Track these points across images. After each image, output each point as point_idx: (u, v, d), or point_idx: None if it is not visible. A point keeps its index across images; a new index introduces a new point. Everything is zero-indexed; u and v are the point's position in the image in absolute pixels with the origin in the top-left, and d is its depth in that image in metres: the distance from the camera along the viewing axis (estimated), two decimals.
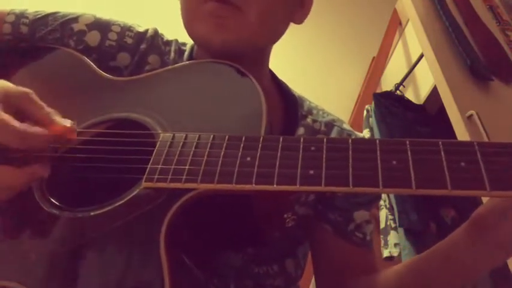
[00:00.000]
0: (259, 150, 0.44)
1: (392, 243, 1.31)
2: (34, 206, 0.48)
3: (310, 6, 0.68)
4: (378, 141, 0.41)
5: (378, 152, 0.41)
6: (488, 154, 0.38)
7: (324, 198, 0.67)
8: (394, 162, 0.40)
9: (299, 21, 0.68)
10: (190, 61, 0.67)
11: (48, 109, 0.50)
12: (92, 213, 0.46)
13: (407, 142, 0.41)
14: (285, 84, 0.74)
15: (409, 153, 0.40)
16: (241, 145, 0.44)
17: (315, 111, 0.73)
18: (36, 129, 0.47)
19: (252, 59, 0.64)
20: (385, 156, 0.40)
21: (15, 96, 0.49)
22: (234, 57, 0.57)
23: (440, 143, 0.40)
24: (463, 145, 0.39)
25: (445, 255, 0.51)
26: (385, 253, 1.32)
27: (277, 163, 0.42)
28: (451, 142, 0.40)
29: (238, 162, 0.43)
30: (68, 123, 0.50)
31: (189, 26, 0.61)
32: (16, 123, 0.46)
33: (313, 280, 0.73)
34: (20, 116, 0.49)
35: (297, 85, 0.77)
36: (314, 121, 0.71)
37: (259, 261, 0.65)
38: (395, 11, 1.87)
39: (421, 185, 0.38)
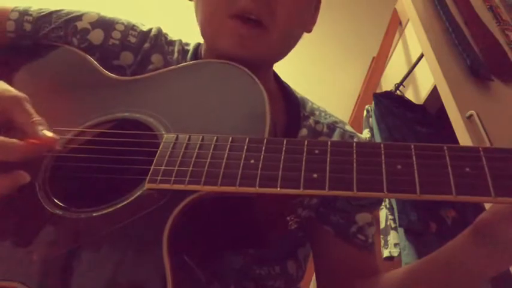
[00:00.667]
0: (262, 152, 0.43)
1: (392, 243, 1.31)
2: (37, 206, 0.48)
3: (318, 15, 0.70)
4: (382, 145, 0.41)
5: (383, 156, 0.40)
6: (494, 160, 0.38)
7: (326, 200, 0.67)
8: (399, 166, 0.39)
9: (309, 31, 0.69)
10: (194, 61, 0.67)
11: (35, 118, 0.49)
12: (94, 214, 0.46)
13: (412, 146, 0.40)
14: (288, 85, 0.74)
15: (413, 157, 0.39)
16: (245, 147, 0.44)
17: (317, 113, 0.73)
18: (10, 141, 0.46)
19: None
20: (390, 160, 0.40)
21: (6, 101, 0.49)
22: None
23: (445, 147, 0.39)
24: (468, 150, 0.39)
25: (447, 260, 0.51)
26: (385, 253, 1.32)
27: (281, 166, 0.42)
28: (456, 147, 0.40)
29: (241, 164, 0.43)
30: (49, 135, 0.48)
31: (211, 39, 0.61)
32: None
33: (313, 280, 0.73)
34: (9, 121, 0.48)
35: (298, 85, 0.77)
36: (316, 122, 0.71)
37: (260, 262, 0.65)
38: (395, 11, 1.87)
39: (426, 190, 0.37)
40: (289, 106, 0.71)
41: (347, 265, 0.66)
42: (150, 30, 0.70)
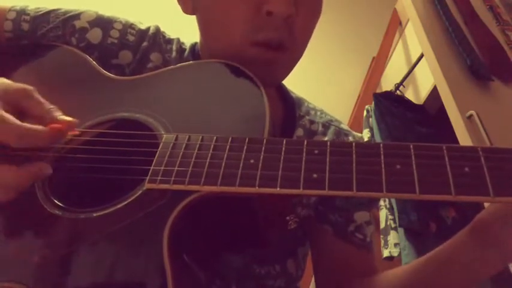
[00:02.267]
0: (262, 152, 0.43)
1: (392, 243, 1.31)
2: (37, 206, 0.48)
3: None
4: (381, 145, 0.41)
5: (382, 156, 0.40)
6: (493, 160, 0.38)
7: (325, 199, 0.67)
8: (398, 166, 0.39)
9: None
10: (194, 61, 0.66)
11: (50, 105, 0.50)
12: (94, 215, 0.45)
13: (411, 146, 0.40)
14: (284, 85, 0.74)
15: (413, 157, 0.39)
16: (245, 147, 0.44)
17: (312, 112, 0.73)
18: (35, 127, 0.46)
19: None
20: (389, 160, 0.40)
21: (15, 93, 0.49)
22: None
23: (444, 147, 0.39)
24: (467, 150, 0.39)
25: (446, 259, 0.51)
26: (385, 253, 1.32)
27: (281, 166, 0.42)
28: (455, 147, 0.40)
29: (241, 164, 0.43)
30: (69, 119, 0.49)
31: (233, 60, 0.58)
32: (14, 121, 0.45)
33: (313, 280, 0.73)
34: (21, 113, 0.48)
35: (297, 85, 0.77)
36: (311, 122, 0.71)
37: (261, 261, 0.65)
38: (395, 11, 1.87)
39: (425, 190, 0.37)
40: (286, 106, 0.71)
41: (345, 264, 0.66)
42: (148, 28, 0.70)
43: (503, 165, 0.37)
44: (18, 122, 0.46)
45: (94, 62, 0.64)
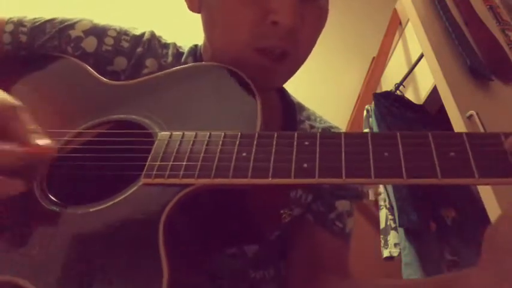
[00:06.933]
0: (254, 146, 0.44)
1: (392, 243, 1.31)
2: (34, 203, 0.48)
3: None
4: (369, 135, 0.42)
5: (370, 145, 0.41)
6: (477, 144, 0.39)
7: (310, 191, 0.67)
8: (386, 154, 0.40)
9: None
10: (189, 64, 0.67)
11: (31, 126, 0.48)
12: (91, 210, 0.46)
13: (398, 135, 0.41)
14: (285, 89, 0.75)
15: (400, 145, 0.40)
16: (237, 142, 0.45)
17: (313, 117, 0.74)
18: (5, 148, 0.45)
19: None
20: (377, 149, 0.41)
21: (2, 110, 0.47)
22: None
23: (430, 134, 0.40)
24: (452, 137, 0.40)
25: (451, 277, 0.47)
26: (385, 253, 1.32)
27: (272, 157, 0.43)
28: (440, 134, 0.41)
29: (234, 157, 0.44)
30: (43, 143, 0.47)
31: (230, 63, 0.58)
32: None
33: None
34: (6, 131, 0.47)
35: (297, 85, 0.77)
36: (312, 127, 0.72)
37: (256, 266, 0.65)
38: (395, 11, 1.87)
39: (412, 175, 0.38)
40: (286, 109, 0.72)
41: (320, 252, 0.65)
42: (143, 34, 0.70)
43: (487, 149, 0.38)
44: None
45: (91, 69, 0.64)
